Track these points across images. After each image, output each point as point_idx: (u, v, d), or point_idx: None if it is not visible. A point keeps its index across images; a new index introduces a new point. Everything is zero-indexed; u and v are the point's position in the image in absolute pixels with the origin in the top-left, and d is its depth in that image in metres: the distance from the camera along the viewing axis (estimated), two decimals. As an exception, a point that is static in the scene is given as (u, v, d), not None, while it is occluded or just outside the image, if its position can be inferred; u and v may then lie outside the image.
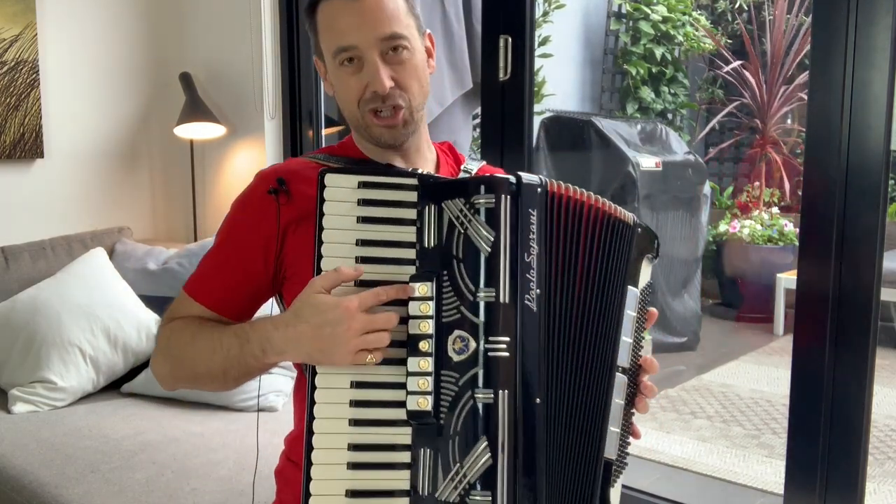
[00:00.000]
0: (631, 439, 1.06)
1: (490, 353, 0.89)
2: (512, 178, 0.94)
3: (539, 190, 0.95)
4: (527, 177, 0.95)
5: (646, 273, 1.05)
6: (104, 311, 2.25)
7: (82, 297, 2.27)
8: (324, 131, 2.77)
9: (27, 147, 2.62)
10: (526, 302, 0.92)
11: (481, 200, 0.91)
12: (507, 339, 0.90)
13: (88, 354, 2.19)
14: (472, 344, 0.90)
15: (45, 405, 2.13)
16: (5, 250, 2.43)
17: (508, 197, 0.92)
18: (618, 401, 1.00)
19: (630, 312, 1.02)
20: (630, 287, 1.02)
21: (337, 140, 2.82)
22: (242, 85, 2.72)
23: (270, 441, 1.88)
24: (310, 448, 0.91)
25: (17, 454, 1.84)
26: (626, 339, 1.01)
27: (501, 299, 0.90)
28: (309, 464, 0.90)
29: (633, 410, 1.05)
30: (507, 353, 0.90)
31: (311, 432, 0.91)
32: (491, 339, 0.90)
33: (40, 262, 2.45)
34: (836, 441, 1.53)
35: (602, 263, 0.99)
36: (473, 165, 1.19)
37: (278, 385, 2.16)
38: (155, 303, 2.35)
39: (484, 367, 0.89)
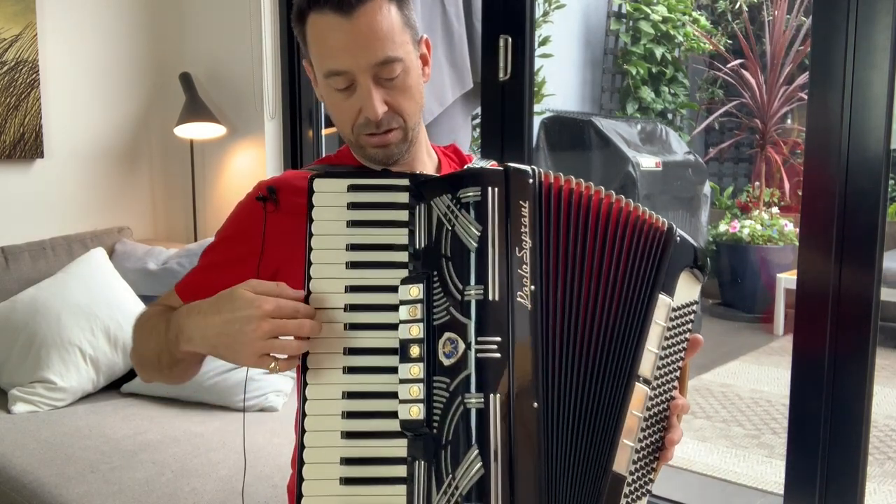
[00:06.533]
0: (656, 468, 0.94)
1: (480, 355, 0.83)
2: (500, 170, 0.88)
3: (531, 181, 0.89)
4: (517, 167, 0.89)
5: (686, 289, 0.96)
6: (104, 311, 2.25)
7: (82, 297, 2.27)
8: (324, 131, 2.77)
9: (27, 147, 2.62)
10: (518, 299, 0.85)
11: (469, 194, 0.86)
12: (497, 339, 0.83)
13: (88, 354, 2.19)
14: (461, 346, 0.83)
15: (45, 405, 2.13)
16: (5, 250, 2.43)
17: (496, 189, 0.86)
18: (635, 413, 0.91)
19: (659, 322, 0.92)
20: (662, 295, 0.93)
21: (337, 140, 2.84)
22: (242, 85, 2.72)
23: (270, 441, 1.89)
24: (301, 463, 0.87)
25: (17, 454, 1.84)
26: (651, 348, 0.92)
27: (491, 297, 0.84)
28: (301, 479, 0.86)
29: (661, 437, 0.94)
30: (498, 354, 0.83)
31: (302, 446, 0.87)
32: (480, 339, 0.83)
33: (40, 262, 2.45)
34: (836, 441, 1.53)
35: (619, 261, 0.92)
36: (480, 165, 1.13)
37: (278, 385, 2.16)
38: (155, 303, 2.35)
39: (474, 370, 0.83)
